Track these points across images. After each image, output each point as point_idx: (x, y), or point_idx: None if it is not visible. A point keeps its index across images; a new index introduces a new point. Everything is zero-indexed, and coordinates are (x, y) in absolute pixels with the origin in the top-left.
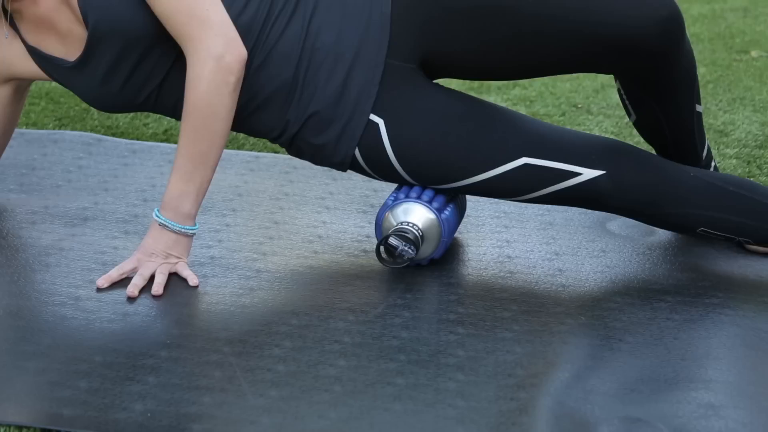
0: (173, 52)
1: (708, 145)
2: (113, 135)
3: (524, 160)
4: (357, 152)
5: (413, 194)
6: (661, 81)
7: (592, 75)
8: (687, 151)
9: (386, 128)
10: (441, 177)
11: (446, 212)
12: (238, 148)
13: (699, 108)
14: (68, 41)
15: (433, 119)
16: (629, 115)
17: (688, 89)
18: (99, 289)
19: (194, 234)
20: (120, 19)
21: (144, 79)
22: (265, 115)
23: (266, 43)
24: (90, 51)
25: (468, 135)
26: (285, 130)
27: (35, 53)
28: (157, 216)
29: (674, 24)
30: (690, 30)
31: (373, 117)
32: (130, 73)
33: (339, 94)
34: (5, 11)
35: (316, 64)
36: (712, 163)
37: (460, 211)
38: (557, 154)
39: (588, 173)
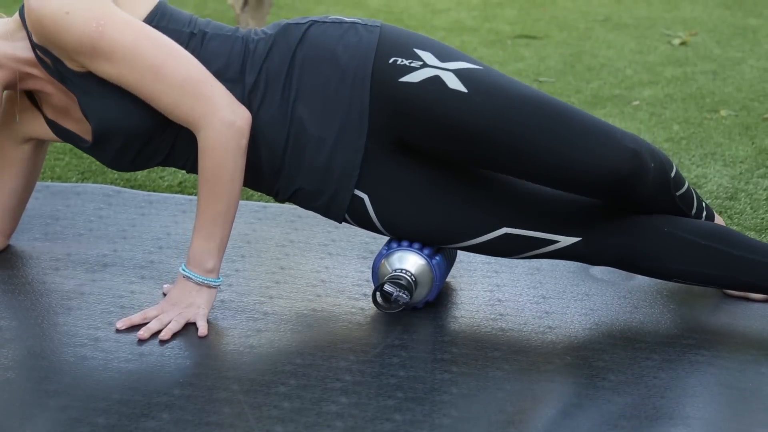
0: (173, 133)
1: (698, 200)
2: (131, 187)
3: (505, 230)
4: (347, 217)
5: (405, 243)
6: (635, 203)
7: None
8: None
9: (371, 203)
10: (427, 243)
11: (437, 258)
12: (247, 199)
13: (679, 191)
14: (82, 126)
15: (416, 194)
16: None
17: (666, 201)
18: (118, 331)
19: (217, 286)
20: (117, 121)
21: (150, 156)
22: (253, 185)
23: (253, 128)
24: (97, 142)
25: (450, 208)
26: (276, 196)
27: (54, 125)
28: (183, 270)
29: (638, 162)
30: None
31: (358, 192)
32: (137, 155)
33: (323, 174)
34: (27, 93)
35: (299, 149)
36: (704, 214)
37: (451, 256)
38: (536, 224)
39: (565, 240)
